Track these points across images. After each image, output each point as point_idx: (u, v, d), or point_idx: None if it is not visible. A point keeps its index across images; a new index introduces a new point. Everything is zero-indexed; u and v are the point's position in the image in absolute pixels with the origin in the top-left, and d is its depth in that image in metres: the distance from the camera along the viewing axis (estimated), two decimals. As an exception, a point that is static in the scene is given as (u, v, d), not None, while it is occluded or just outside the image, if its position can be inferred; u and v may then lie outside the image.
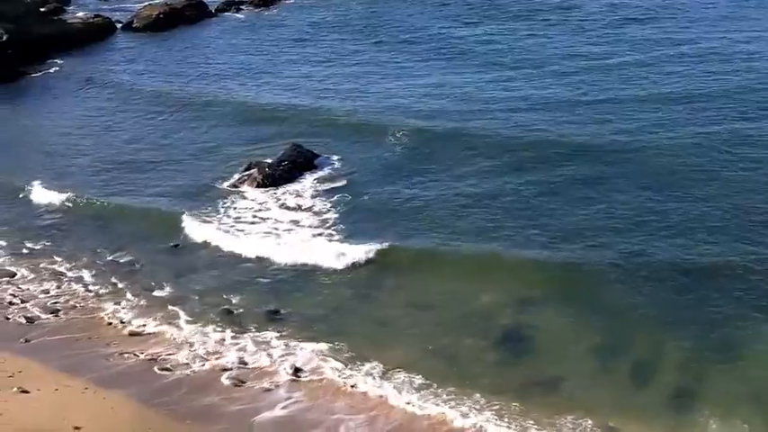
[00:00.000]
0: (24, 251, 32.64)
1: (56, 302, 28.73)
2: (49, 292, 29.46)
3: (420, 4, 66.40)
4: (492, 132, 38.10)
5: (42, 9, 68.92)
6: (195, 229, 32.55)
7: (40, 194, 36.64)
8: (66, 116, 47.37)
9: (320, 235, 31.39)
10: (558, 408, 22.01)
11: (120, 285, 29.65)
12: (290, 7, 70.89)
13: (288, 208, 33.96)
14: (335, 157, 37.90)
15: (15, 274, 30.88)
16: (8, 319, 27.69)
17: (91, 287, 29.73)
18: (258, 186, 35.81)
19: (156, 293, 29.00)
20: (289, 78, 49.59)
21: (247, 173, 36.72)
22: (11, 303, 28.74)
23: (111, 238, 32.79)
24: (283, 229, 32.17)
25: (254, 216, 33.53)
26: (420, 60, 50.78)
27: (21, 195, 36.92)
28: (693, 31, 51.38)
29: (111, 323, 27.28)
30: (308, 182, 35.94)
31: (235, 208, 34.23)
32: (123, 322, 27.32)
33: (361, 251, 29.26)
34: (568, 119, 39.24)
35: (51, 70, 56.95)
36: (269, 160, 37.40)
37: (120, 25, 67.35)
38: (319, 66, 51.55)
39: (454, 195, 33.00)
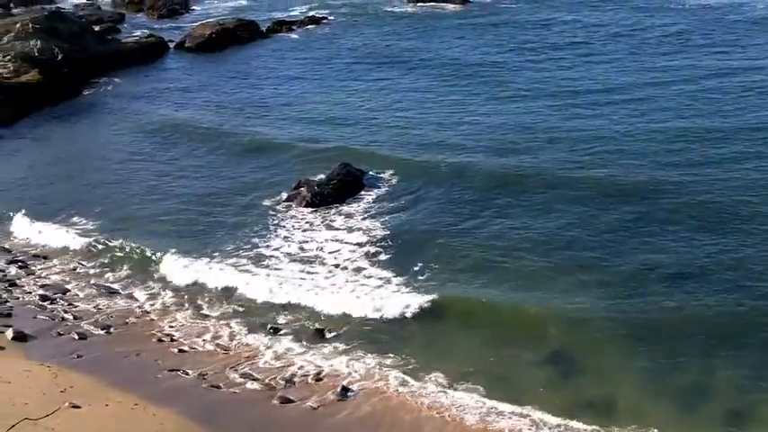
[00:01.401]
0: (77, 268, 33.13)
1: (107, 319, 29.10)
2: (101, 309, 29.84)
3: (469, 26, 66.66)
4: (540, 168, 37.19)
5: (97, 28, 70.06)
6: (243, 249, 32.83)
7: (95, 214, 37.22)
8: (114, 140, 47.59)
9: (366, 255, 31.62)
10: (615, 425, 22.19)
11: (170, 303, 30.00)
12: (338, 26, 71.39)
13: (336, 229, 34.13)
14: (384, 177, 38.11)
15: (68, 291, 31.34)
16: (61, 334, 28.06)
17: (142, 305, 30.11)
18: (307, 205, 36.03)
19: (205, 312, 29.30)
20: (337, 106, 49.31)
21: (296, 191, 36.99)
22: (63, 319, 29.15)
23: (162, 258, 32.86)
24: (329, 250, 32.36)
25: (303, 234, 33.83)
26: (467, 89, 50.31)
27: (76, 214, 37.45)
28: (751, 61, 50.47)
29: (161, 340, 27.56)
30: (355, 204, 36.16)
31: (284, 226, 34.52)
32: (174, 340, 27.59)
33: (405, 300, 28.39)
34: (616, 153, 38.27)
35: (102, 89, 57.78)
36: (319, 176, 37.82)
37: (173, 44, 68.23)
38: (365, 94, 51.27)
39: (499, 231, 32.49)
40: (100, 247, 34.19)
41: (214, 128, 47.43)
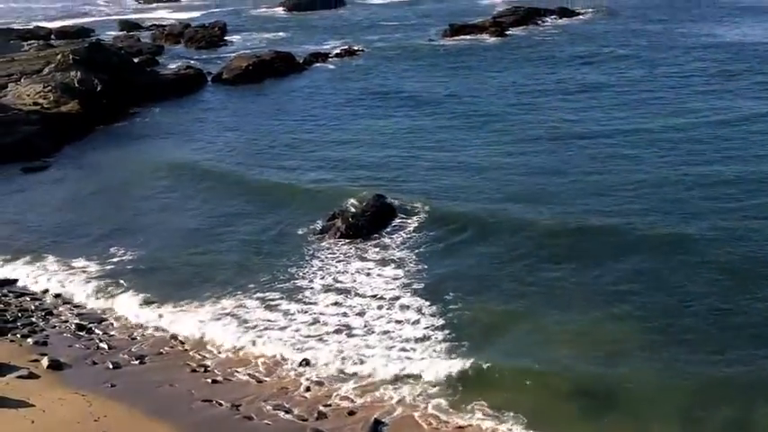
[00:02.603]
0: (112, 298, 33.24)
1: (142, 349, 29.20)
2: (135, 339, 29.97)
3: (506, 61, 67.07)
4: (574, 216, 36.23)
5: (136, 59, 71.03)
6: (278, 281, 32.92)
7: (134, 246, 37.42)
8: (150, 175, 47.40)
9: (401, 289, 31.57)
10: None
11: (204, 334, 29.99)
12: (373, 59, 72.01)
13: (371, 261, 34.20)
14: (416, 212, 38.03)
15: (105, 320, 31.49)
16: (96, 363, 28.18)
17: (176, 335, 30.14)
18: (341, 236, 36.12)
19: (238, 343, 29.24)
20: (369, 145, 49.33)
21: (331, 222, 37.10)
22: (99, 348, 29.28)
23: (196, 289, 33.08)
24: (363, 284, 32.28)
25: (338, 266, 33.89)
26: (502, 130, 50.22)
27: (114, 246, 37.64)
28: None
29: (195, 371, 27.58)
30: (391, 236, 36.24)
31: (318, 257, 34.63)
32: (207, 370, 27.60)
33: (439, 336, 28.11)
34: (650, 200, 37.45)
35: (139, 121, 58.50)
36: (353, 206, 38.13)
37: (211, 76, 68.94)
38: (397, 134, 51.32)
39: (532, 275, 31.95)
40: (136, 278, 34.29)
41: (245, 165, 47.52)
